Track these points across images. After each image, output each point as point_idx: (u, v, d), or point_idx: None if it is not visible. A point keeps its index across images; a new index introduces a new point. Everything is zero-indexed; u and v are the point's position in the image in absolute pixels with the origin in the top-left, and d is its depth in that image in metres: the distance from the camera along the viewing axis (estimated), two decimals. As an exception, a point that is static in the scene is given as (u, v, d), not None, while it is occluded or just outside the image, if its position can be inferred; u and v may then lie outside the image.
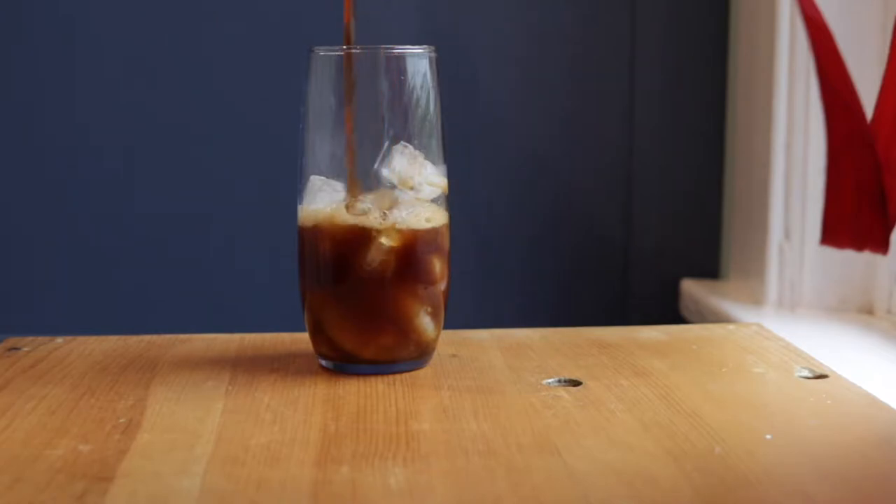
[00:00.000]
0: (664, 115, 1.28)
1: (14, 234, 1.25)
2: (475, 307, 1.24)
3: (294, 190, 0.67)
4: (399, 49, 0.65)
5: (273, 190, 1.11)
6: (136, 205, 1.25)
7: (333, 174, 0.66)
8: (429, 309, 0.66)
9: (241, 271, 1.26)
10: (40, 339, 0.73)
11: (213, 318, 1.23)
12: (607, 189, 1.28)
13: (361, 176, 0.66)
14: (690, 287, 1.26)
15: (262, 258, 1.24)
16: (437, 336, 0.68)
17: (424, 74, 0.66)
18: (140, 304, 1.25)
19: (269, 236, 1.22)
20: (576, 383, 0.64)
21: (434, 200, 0.66)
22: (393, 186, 0.65)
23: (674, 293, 1.29)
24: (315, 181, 0.66)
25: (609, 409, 0.59)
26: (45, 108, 1.23)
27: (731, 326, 0.79)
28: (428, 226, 0.66)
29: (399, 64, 0.65)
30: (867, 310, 1.09)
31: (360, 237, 0.65)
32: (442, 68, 0.67)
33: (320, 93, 0.66)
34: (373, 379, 0.65)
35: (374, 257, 0.65)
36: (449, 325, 0.69)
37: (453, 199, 0.68)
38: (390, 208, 0.65)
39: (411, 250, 0.65)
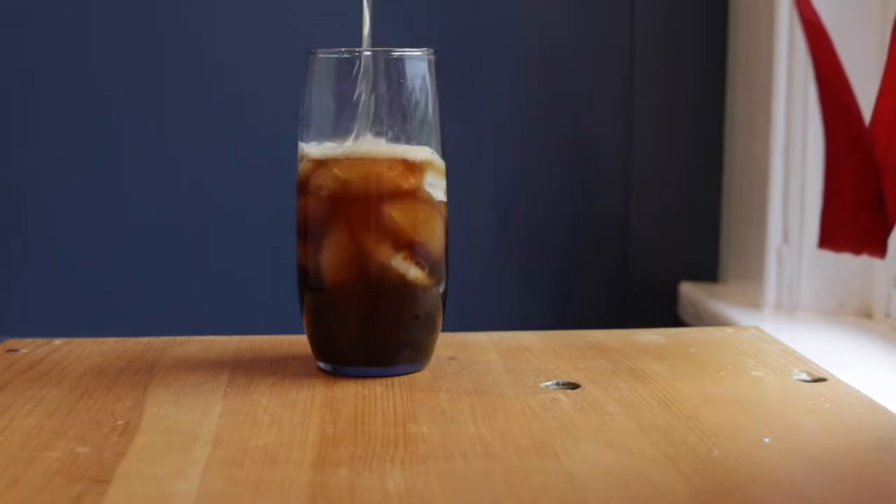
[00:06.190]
0: (663, 118, 1.28)
1: (13, 236, 1.25)
2: (473, 309, 1.24)
3: (293, 191, 0.67)
4: (398, 52, 0.65)
5: (272, 192, 1.11)
6: (136, 208, 1.25)
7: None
8: (427, 311, 0.66)
9: (240, 274, 1.26)
10: (38, 340, 0.73)
11: (211, 320, 1.23)
12: (606, 191, 1.28)
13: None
14: (689, 290, 1.26)
15: (261, 261, 1.24)
16: (436, 339, 0.68)
17: (423, 77, 0.66)
18: (138, 305, 1.25)
19: (268, 239, 1.22)
20: (574, 386, 0.64)
21: (432, 203, 0.66)
22: None
23: (672, 296, 1.29)
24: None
25: (607, 412, 0.59)
26: (43, 111, 1.23)
27: (729, 330, 0.79)
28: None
29: (398, 66, 0.65)
30: (865, 313, 1.09)
31: (360, 243, 0.65)
32: (440, 70, 0.67)
33: (320, 95, 0.66)
34: (371, 381, 0.65)
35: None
36: (447, 327, 0.69)
37: (451, 202, 0.68)
38: None
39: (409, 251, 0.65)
